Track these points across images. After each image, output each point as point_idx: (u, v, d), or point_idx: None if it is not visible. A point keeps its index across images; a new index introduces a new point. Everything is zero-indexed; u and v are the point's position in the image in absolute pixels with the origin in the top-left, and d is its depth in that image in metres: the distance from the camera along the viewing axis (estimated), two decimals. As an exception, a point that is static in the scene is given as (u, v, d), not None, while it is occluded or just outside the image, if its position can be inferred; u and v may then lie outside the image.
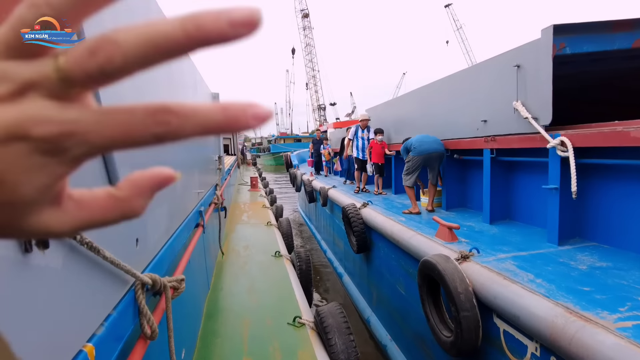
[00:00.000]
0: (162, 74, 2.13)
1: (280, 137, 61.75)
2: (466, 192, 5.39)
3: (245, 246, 5.48)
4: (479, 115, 4.39)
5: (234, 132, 0.26)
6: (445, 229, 3.71)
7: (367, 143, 7.64)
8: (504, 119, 3.99)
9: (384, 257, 5.21)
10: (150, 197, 0.27)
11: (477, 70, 4.53)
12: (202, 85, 4.68)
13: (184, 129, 0.23)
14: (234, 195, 10.28)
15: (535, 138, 3.53)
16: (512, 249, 3.37)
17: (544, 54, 3.35)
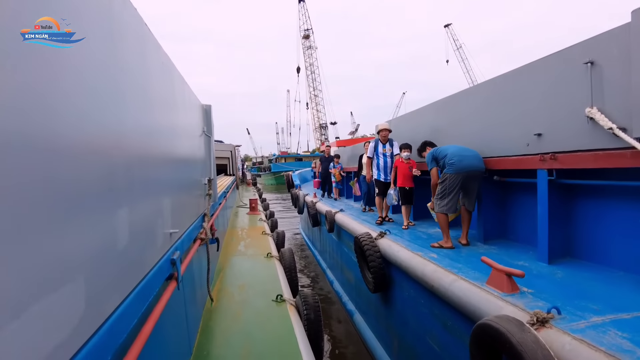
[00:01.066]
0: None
1: (281, 156, 61.12)
2: (507, 220, 4.50)
3: (241, 286, 4.57)
4: (531, 128, 3.55)
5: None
6: (502, 276, 2.81)
7: (389, 161, 6.30)
8: (569, 132, 3.14)
9: (408, 300, 4.29)
10: None
11: (527, 72, 3.70)
12: (190, 96, 3.90)
13: None
14: (231, 219, 9.40)
15: (623, 155, 2.67)
16: (605, 307, 2.47)
17: (638, 42, 2.53)
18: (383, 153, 6.32)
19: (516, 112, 3.83)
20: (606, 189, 3.24)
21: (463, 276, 3.23)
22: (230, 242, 6.73)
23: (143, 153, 1.95)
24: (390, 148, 6.35)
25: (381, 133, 6.40)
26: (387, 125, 6.47)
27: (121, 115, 1.63)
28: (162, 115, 2.47)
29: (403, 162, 5.85)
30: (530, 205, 4.06)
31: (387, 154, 6.32)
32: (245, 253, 6.13)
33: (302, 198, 13.04)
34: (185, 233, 2.91)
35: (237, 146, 19.00)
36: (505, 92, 3.99)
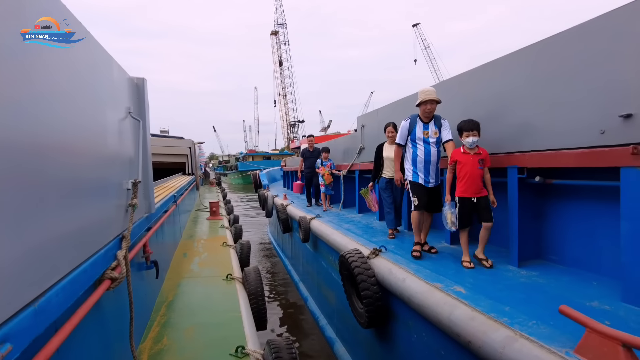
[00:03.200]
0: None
1: (249, 154, 59.29)
2: (547, 235, 3.42)
3: (190, 329, 3.29)
4: (611, 107, 2.47)
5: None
6: (614, 347, 1.69)
7: (436, 152, 4.01)
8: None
9: (419, 345, 3.16)
10: None
11: (601, 24, 2.61)
12: (116, 69, 2.64)
13: None
14: (187, 226, 8.02)
15: None
16: None
17: None
18: (424, 138, 4.00)
19: (579, 84, 2.75)
20: None
21: (524, 332, 2.10)
22: (181, 260, 5.39)
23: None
24: (437, 130, 3.99)
25: (423, 106, 3.96)
26: (433, 94, 3.94)
27: None
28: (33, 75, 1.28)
29: (468, 153, 3.55)
30: (590, 216, 3.00)
31: (431, 139, 4.00)
32: (199, 274, 4.82)
33: (270, 200, 11.78)
34: (71, 276, 1.63)
35: (199, 143, 17.45)
36: (560, 58, 2.90)
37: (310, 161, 8.80)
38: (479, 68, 3.98)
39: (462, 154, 3.59)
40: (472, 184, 3.50)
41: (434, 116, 4.04)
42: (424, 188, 4.03)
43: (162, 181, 8.74)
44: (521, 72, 3.40)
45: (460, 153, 3.61)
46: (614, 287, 2.66)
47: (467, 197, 3.52)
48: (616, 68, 2.53)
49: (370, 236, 4.99)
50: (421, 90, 4.06)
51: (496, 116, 3.68)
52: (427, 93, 3.97)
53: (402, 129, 4.19)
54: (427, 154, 4.01)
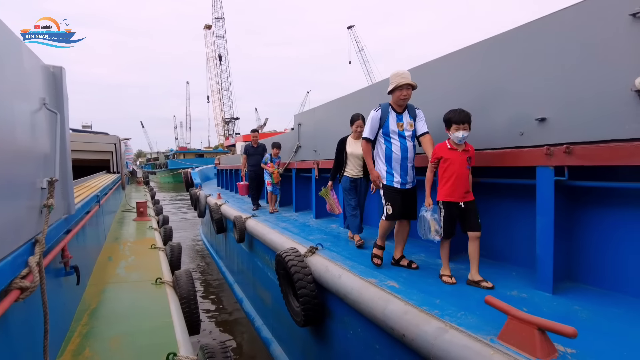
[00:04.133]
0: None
1: (180, 151, 56.96)
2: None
3: (115, 338, 3.07)
4: (529, 110, 2.67)
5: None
6: (530, 331, 1.82)
7: (412, 147, 3.51)
8: (598, 115, 2.29)
9: (355, 341, 3.21)
10: None
11: (520, 35, 2.82)
12: (27, 55, 2.38)
13: None
14: (112, 228, 7.50)
15: None
16: None
17: None
18: (398, 131, 3.45)
19: (504, 89, 2.95)
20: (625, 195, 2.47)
21: (453, 323, 2.21)
22: (106, 264, 5.03)
23: None
24: (412, 121, 3.48)
25: (397, 93, 3.39)
26: (409, 77, 3.37)
27: None
28: None
29: (455, 149, 3.03)
30: (510, 212, 3.24)
31: (406, 132, 3.45)
32: (126, 279, 4.52)
33: (203, 199, 11.39)
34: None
35: (125, 139, 16.43)
36: (489, 61, 3.09)
37: (254, 158, 7.96)
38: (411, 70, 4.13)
39: (449, 150, 3.04)
40: (459, 186, 3.00)
41: (407, 106, 3.53)
42: (399, 193, 3.45)
43: (84, 180, 8.11)
44: (450, 76, 3.58)
45: (446, 149, 3.06)
46: (529, 276, 2.89)
47: (453, 201, 3.02)
48: (532, 76, 2.74)
49: (307, 234, 4.99)
50: (394, 73, 3.41)
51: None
52: (402, 76, 3.33)
53: (371, 120, 3.54)
54: (403, 149, 3.43)
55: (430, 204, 3.12)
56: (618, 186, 2.47)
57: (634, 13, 2.11)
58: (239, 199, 10.46)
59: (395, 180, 3.46)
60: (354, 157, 4.55)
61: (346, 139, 4.70)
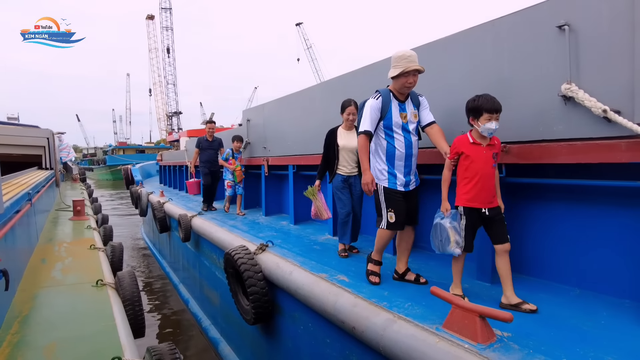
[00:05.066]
0: None
1: (119, 147, 54.18)
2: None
3: (51, 345, 2.88)
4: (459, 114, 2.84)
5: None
6: (472, 318, 1.94)
7: (416, 142, 3.02)
8: (531, 116, 2.48)
9: (304, 337, 3.25)
10: None
11: (461, 39, 2.99)
12: None
13: None
14: (46, 228, 7.00)
15: (616, 146, 2.05)
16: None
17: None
18: (402, 124, 2.93)
19: (444, 89, 3.10)
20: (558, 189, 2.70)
21: (401, 314, 2.30)
22: (39, 267, 4.69)
23: None
24: (416, 111, 3.00)
25: (403, 79, 2.81)
26: (415, 61, 2.78)
27: None
28: None
29: (479, 143, 2.53)
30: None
31: (410, 125, 2.96)
32: (62, 282, 4.25)
33: (145, 197, 10.94)
34: None
35: (59, 133, 15.36)
36: (432, 64, 3.23)
37: (208, 153, 7.17)
38: (362, 70, 4.23)
39: (471, 145, 2.54)
40: (484, 189, 2.49)
41: (410, 93, 3.00)
42: (402, 196, 2.94)
43: (13, 176, 7.50)
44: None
45: (468, 143, 2.55)
46: (470, 268, 3.07)
47: (476, 207, 2.52)
48: (473, 78, 2.91)
49: (256, 232, 4.96)
50: (398, 54, 2.81)
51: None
52: (410, 59, 2.76)
53: (371, 110, 2.92)
54: (408, 145, 2.92)
55: (448, 209, 2.61)
56: (548, 182, 2.69)
57: (560, 25, 2.31)
58: (184, 197, 10.15)
59: (399, 182, 2.93)
60: (347, 151, 3.91)
61: (336, 130, 4.03)
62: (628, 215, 2.37)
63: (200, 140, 7.35)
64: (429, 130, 2.96)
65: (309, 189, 4.18)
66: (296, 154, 5.38)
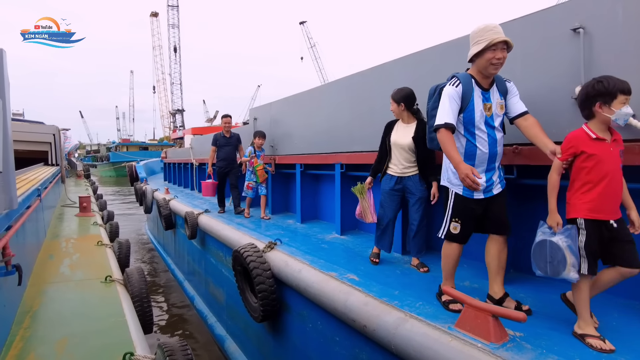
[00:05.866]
0: None
1: (123, 144, 54.34)
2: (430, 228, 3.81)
3: (62, 340, 2.90)
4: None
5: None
6: (485, 318, 1.96)
7: (501, 139, 2.50)
8: (541, 119, 2.46)
9: (313, 334, 3.27)
10: None
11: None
12: None
13: None
14: (52, 224, 7.05)
15: (630, 149, 2.06)
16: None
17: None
18: (486, 118, 2.44)
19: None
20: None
21: (413, 313, 2.32)
22: (47, 263, 4.73)
23: None
24: (502, 101, 2.49)
25: (489, 55, 2.31)
26: (500, 32, 2.31)
27: None
28: None
29: (603, 139, 2.04)
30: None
31: (496, 119, 2.47)
32: (71, 278, 4.28)
33: (150, 194, 10.97)
34: None
35: (64, 130, 15.43)
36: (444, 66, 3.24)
37: (225, 151, 6.57)
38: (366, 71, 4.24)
39: (594, 142, 2.02)
40: (612, 195, 2.02)
41: (495, 79, 2.49)
42: (477, 207, 2.47)
43: (22, 172, 7.56)
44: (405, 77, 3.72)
45: (590, 139, 2.03)
46: (479, 268, 3.08)
47: (602, 219, 2.02)
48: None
49: (263, 230, 4.98)
50: (480, 28, 2.36)
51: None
52: (496, 31, 2.30)
53: (449, 100, 2.40)
54: (492, 144, 2.43)
55: (559, 223, 2.10)
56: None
57: (575, 28, 2.31)
58: (189, 194, 10.19)
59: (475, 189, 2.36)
60: (398, 147, 3.39)
61: (394, 122, 3.56)
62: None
63: (217, 137, 6.68)
64: (522, 122, 2.41)
65: (358, 185, 3.68)
66: (304, 152, 5.40)
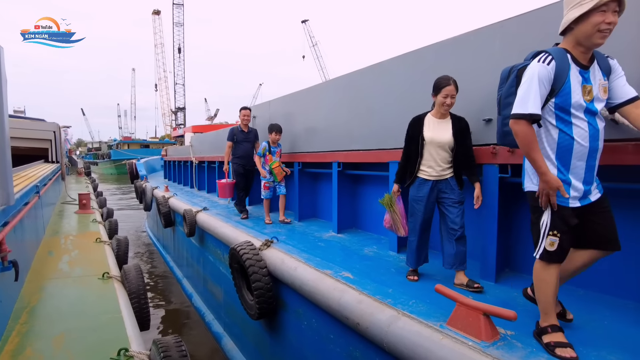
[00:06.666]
0: None
1: (124, 141, 54.38)
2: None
3: (60, 336, 2.92)
4: (476, 113, 2.85)
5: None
6: (476, 316, 1.97)
7: (603, 129, 1.98)
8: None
9: (308, 332, 3.28)
10: None
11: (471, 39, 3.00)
12: None
13: None
14: (52, 221, 7.07)
15: (622, 148, 2.07)
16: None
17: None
18: (586, 104, 1.93)
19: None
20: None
21: (405, 310, 2.33)
22: (46, 259, 4.75)
23: None
24: (606, 82, 2.00)
25: (596, 18, 1.80)
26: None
27: None
28: None
29: None
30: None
31: (597, 104, 1.96)
32: (69, 274, 4.30)
33: (149, 192, 10.99)
34: None
35: (65, 127, 15.46)
36: (440, 64, 3.24)
37: (243, 147, 5.92)
38: (364, 70, 4.24)
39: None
40: None
41: (595, 54, 2.00)
42: (575, 216, 1.97)
43: (21, 168, 7.59)
44: (404, 74, 3.72)
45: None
46: (474, 267, 3.09)
47: None
48: (480, 78, 2.93)
49: (261, 228, 4.99)
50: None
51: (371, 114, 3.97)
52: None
53: (539, 81, 1.93)
54: (593, 136, 1.94)
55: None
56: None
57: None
58: (188, 192, 10.21)
59: (575, 194, 1.96)
60: (434, 146, 2.90)
61: (423, 117, 3.02)
62: (632, 217, 2.38)
63: (234, 132, 6.02)
64: (633, 110, 1.94)
65: (385, 197, 3.24)
66: (302, 151, 5.41)
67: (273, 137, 5.39)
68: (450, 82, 2.79)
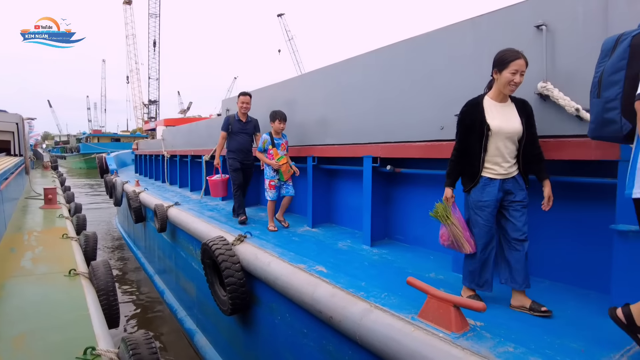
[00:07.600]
0: None
1: (94, 135, 52.70)
2: (394, 218, 3.84)
3: (20, 336, 2.80)
4: (447, 108, 2.88)
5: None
6: (446, 308, 1.99)
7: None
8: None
9: (282, 327, 3.26)
10: None
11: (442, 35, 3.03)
12: None
13: None
14: (14, 217, 6.78)
15: (586, 144, 2.12)
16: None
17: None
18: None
19: (428, 86, 3.13)
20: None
21: (378, 303, 2.34)
22: (7, 256, 4.55)
23: None
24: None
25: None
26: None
27: None
28: None
29: None
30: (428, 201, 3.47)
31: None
32: (32, 272, 4.13)
33: (120, 187, 10.69)
34: None
35: (29, 119, 14.84)
36: (413, 59, 3.25)
37: (239, 139, 5.10)
38: (340, 63, 4.23)
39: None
40: None
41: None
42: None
43: (-22, 162, 7.23)
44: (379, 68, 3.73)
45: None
46: (446, 260, 3.14)
47: None
48: (453, 74, 2.96)
49: (234, 223, 4.92)
50: None
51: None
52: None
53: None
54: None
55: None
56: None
57: (538, 25, 2.36)
58: (160, 186, 9.99)
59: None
60: (502, 137, 2.36)
61: (482, 101, 2.45)
62: (594, 209, 2.47)
63: (230, 120, 5.15)
64: None
65: (438, 207, 2.57)
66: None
67: (276, 126, 4.56)
68: (520, 55, 2.25)
